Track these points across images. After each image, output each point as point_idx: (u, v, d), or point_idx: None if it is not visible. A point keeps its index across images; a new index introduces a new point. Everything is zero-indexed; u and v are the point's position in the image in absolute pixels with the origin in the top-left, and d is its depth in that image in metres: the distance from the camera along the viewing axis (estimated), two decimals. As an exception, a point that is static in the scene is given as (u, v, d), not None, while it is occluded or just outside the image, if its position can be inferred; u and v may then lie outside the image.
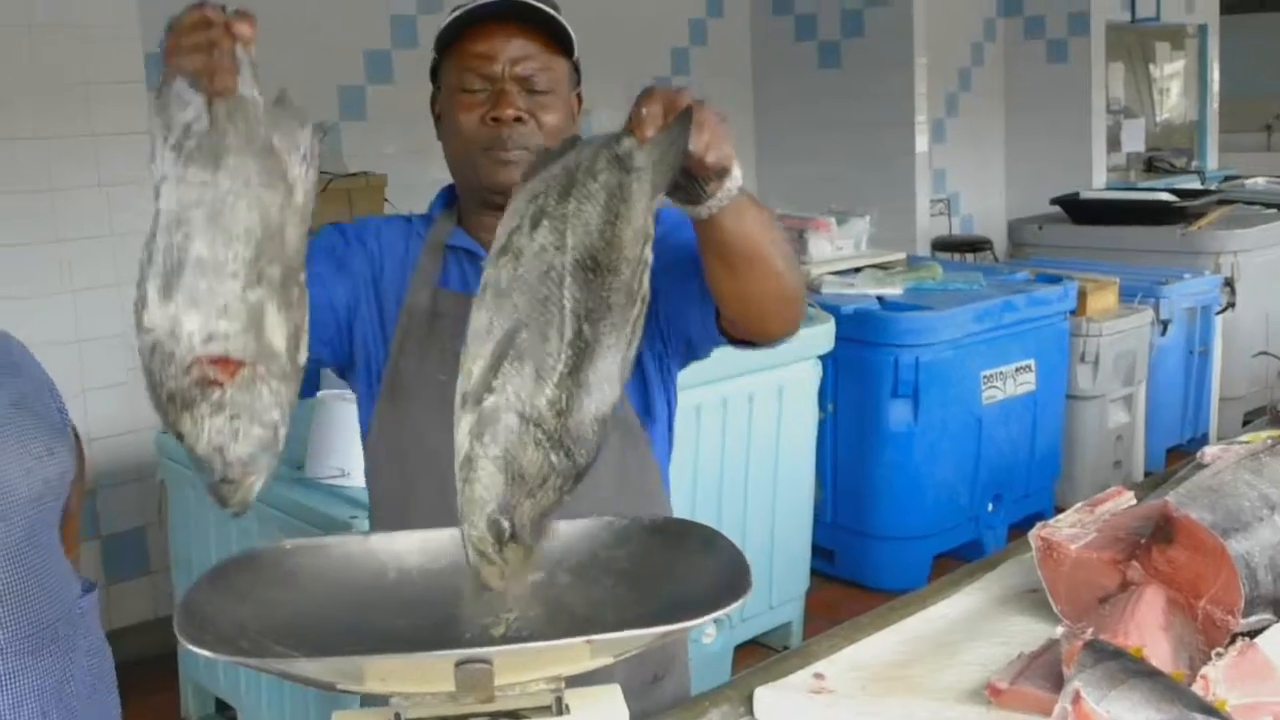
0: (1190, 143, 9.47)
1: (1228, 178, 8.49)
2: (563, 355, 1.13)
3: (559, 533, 1.36)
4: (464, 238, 1.74)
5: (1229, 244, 6.01)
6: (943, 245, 6.97)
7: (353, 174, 4.97)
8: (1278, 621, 1.60)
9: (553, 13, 1.67)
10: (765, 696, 1.58)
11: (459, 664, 1.16)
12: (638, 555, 1.40)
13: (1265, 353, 5.98)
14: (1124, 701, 1.34)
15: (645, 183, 1.18)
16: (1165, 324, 5.43)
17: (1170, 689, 1.36)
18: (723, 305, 1.55)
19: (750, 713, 1.57)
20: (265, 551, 1.44)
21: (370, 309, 1.74)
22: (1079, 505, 1.86)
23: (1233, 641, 1.55)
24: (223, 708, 3.63)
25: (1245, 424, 5.28)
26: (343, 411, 2.89)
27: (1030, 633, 1.71)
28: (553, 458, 1.12)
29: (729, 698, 1.60)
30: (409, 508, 1.69)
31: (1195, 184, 8.21)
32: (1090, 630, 1.55)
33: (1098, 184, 7.66)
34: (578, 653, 1.22)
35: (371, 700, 1.31)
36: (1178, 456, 5.19)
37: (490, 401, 1.13)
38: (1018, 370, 4.75)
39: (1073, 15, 7.71)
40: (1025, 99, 7.91)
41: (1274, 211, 6.56)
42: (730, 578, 1.29)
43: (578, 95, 1.75)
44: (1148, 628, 1.57)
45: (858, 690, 1.60)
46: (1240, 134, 10.51)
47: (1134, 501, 1.85)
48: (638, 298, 1.16)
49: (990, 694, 1.54)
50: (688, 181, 1.30)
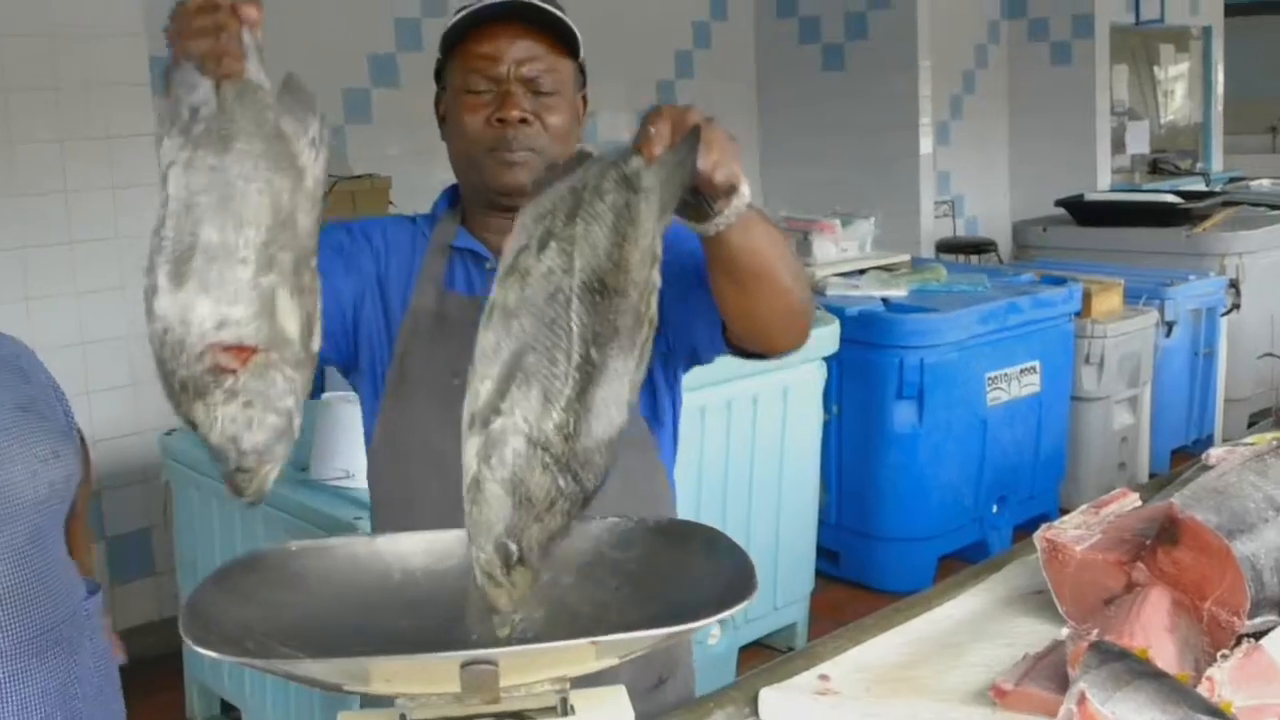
0: (1195, 144, 9.45)
1: (1232, 179, 8.49)
2: (570, 379, 1.11)
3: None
4: (468, 239, 1.73)
5: (1234, 246, 6.01)
6: (947, 247, 6.96)
7: (357, 176, 4.97)
8: (1283, 623, 1.60)
9: (559, 13, 1.66)
10: (770, 698, 1.58)
11: (464, 665, 1.17)
12: (643, 556, 1.40)
13: (1270, 354, 5.99)
14: (1129, 703, 1.34)
15: (653, 204, 1.17)
16: (1170, 325, 5.42)
17: (1175, 690, 1.35)
18: (730, 321, 1.53)
19: (755, 714, 1.57)
20: (270, 553, 1.44)
21: (375, 308, 1.72)
22: (1084, 507, 1.85)
23: (1238, 643, 1.55)
24: (228, 709, 3.64)
25: (1250, 425, 5.29)
26: (347, 413, 2.89)
27: (1035, 634, 1.71)
28: (560, 482, 1.12)
29: (734, 699, 1.60)
30: (412, 508, 1.68)
31: (1200, 186, 8.19)
32: (1095, 632, 1.55)
33: (1102, 186, 7.64)
34: (583, 654, 1.22)
35: (376, 701, 1.31)
36: (1183, 458, 5.17)
37: (498, 424, 1.12)
38: (1022, 372, 4.75)
39: (1077, 17, 7.70)
40: (1029, 101, 7.89)
41: (1279, 213, 6.55)
42: (736, 579, 1.29)
43: (583, 97, 1.74)
44: (1153, 629, 1.57)
45: (863, 691, 1.60)
46: (1245, 136, 10.49)
47: (1139, 503, 1.85)
48: (645, 321, 1.15)
49: (995, 695, 1.54)
50: (695, 199, 1.28)
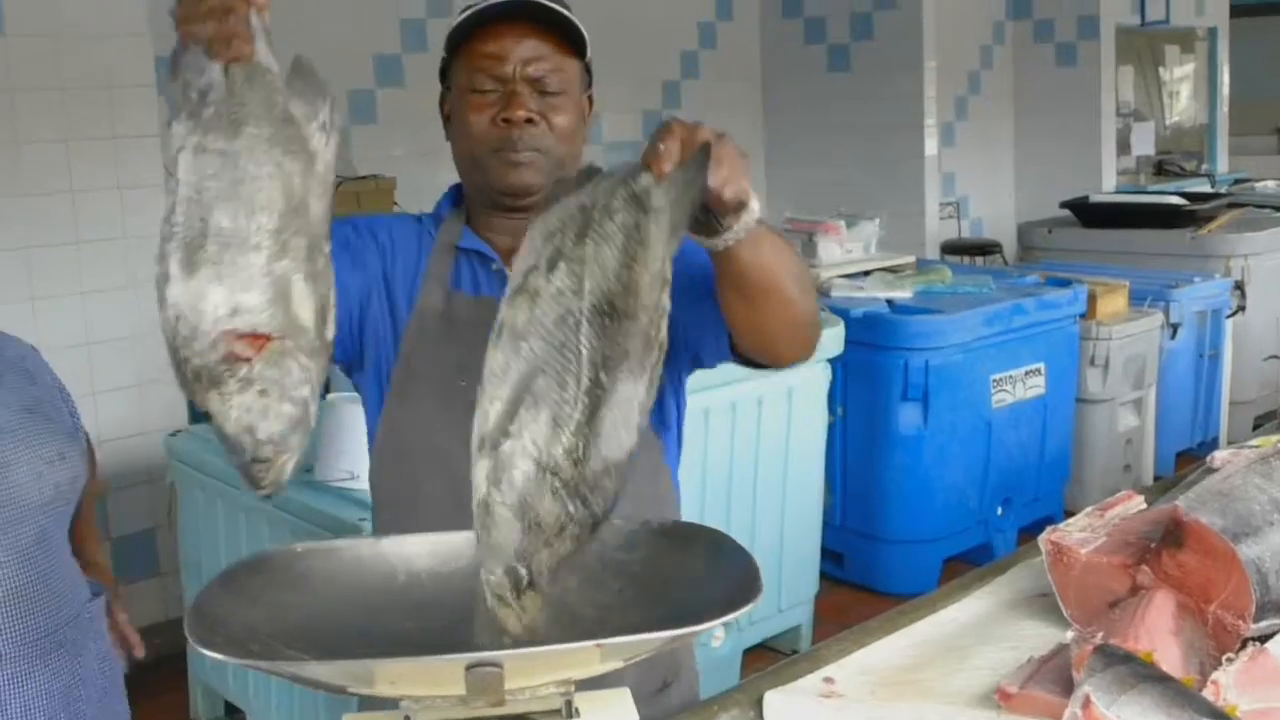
0: (1200, 146, 9.44)
1: (1238, 181, 8.47)
2: (579, 403, 1.10)
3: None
4: (474, 239, 1.72)
5: (1239, 247, 6.00)
6: (952, 248, 6.96)
7: (362, 177, 4.98)
8: (1289, 626, 1.59)
9: (565, 13, 1.64)
10: (775, 700, 1.58)
11: (469, 667, 1.17)
12: (648, 559, 1.40)
13: (1276, 356, 5.98)
14: (1134, 706, 1.33)
15: (663, 225, 1.16)
16: (1175, 327, 5.42)
17: (1180, 694, 1.35)
18: (737, 334, 1.53)
19: (760, 717, 1.57)
20: (276, 554, 1.44)
21: (381, 306, 1.71)
22: (1089, 509, 1.85)
23: (1243, 646, 1.55)
24: (232, 710, 3.64)
25: (1255, 428, 5.28)
26: (352, 414, 2.89)
27: (1040, 637, 1.71)
28: (570, 507, 1.11)
29: (738, 701, 1.60)
30: (415, 508, 1.67)
31: (1205, 187, 8.18)
32: (1100, 635, 1.55)
33: (1107, 187, 7.64)
34: (588, 656, 1.22)
35: (380, 704, 1.31)
36: (1188, 460, 5.16)
37: (507, 446, 1.11)
38: (1027, 374, 4.74)
39: (1082, 18, 7.69)
40: (1034, 102, 7.88)
41: (1284, 215, 6.56)
42: (741, 582, 1.29)
43: (589, 97, 1.73)
44: (1158, 632, 1.57)
45: (867, 694, 1.60)
46: (1250, 137, 10.46)
47: (1144, 506, 1.85)
48: (655, 345, 1.14)
49: (1000, 698, 1.54)
50: (705, 215, 1.28)
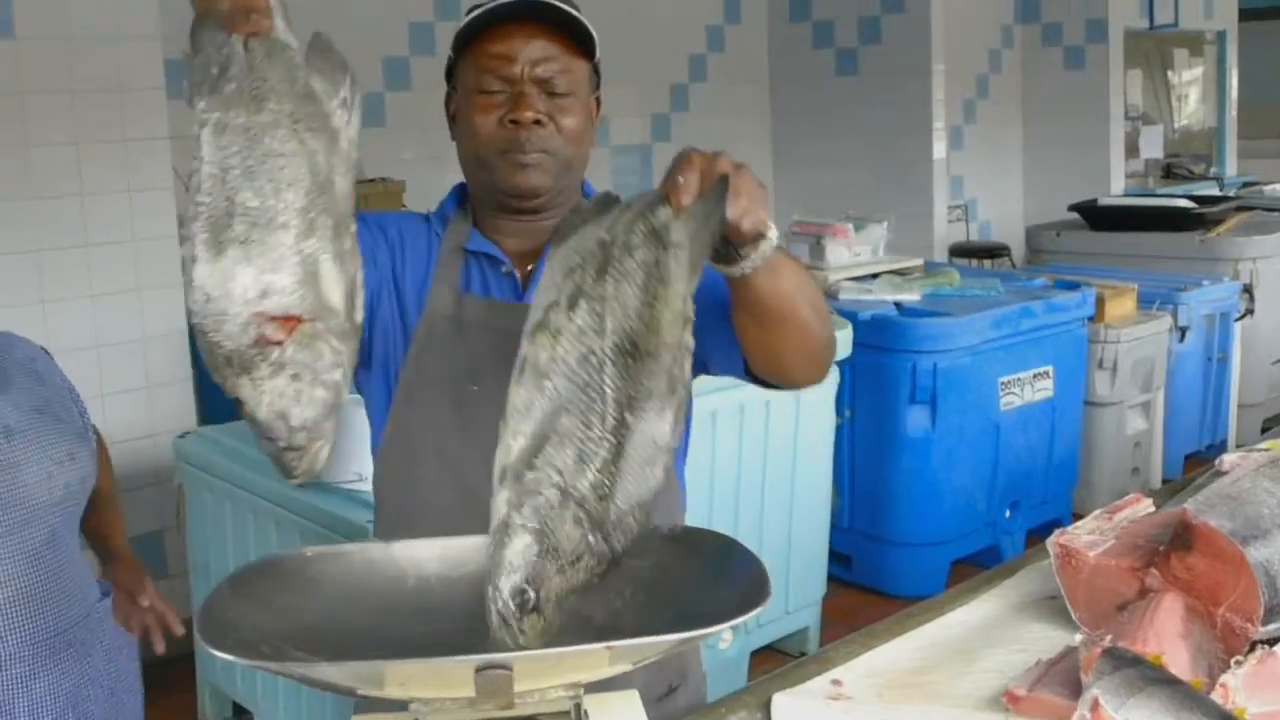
0: (1209, 149, 9.43)
1: (1246, 184, 8.46)
2: (605, 442, 1.11)
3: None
4: (482, 241, 1.71)
5: (1248, 250, 6.00)
6: (960, 251, 6.96)
7: (370, 180, 4.98)
8: (1297, 630, 1.59)
9: (575, 13, 1.63)
10: (783, 703, 1.58)
11: (479, 669, 1.16)
12: (656, 563, 1.40)
13: (1284, 359, 5.97)
14: (1142, 709, 1.33)
15: (683, 261, 1.15)
16: (1184, 330, 5.41)
17: (1189, 697, 1.35)
18: (751, 358, 1.54)
19: (768, 719, 1.57)
20: (286, 558, 1.44)
21: (391, 305, 1.69)
22: (1097, 512, 1.85)
23: (1252, 649, 1.55)
24: (240, 712, 3.64)
25: (1264, 431, 5.28)
26: (360, 417, 2.88)
27: (1048, 640, 1.71)
28: (590, 539, 1.12)
29: (746, 703, 1.60)
30: (421, 512, 1.66)
31: (1214, 190, 8.17)
32: (1109, 638, 1.55)
33: (1116, 190, 7.63)
34: (597, 659, 1.22)
35: (388, 707, 1.31)
36: (1196, 463, 5.16)
37: (531, 476, 1.12)
38: (1035, 376, 4.74)
39: (1090, 22, 7.69)
40: (1043, 106, 7.88)
41: (1292, 218, 6.55)
42: (749, 585, 1.29)
43: (597, 99, 1.72)
44: (1166, 635, 1.56)
45: (875, 697, 1.60)
46: (1259, 140, 10.44)
47: (1152, 508, 1.85)
48: (680, 384, 1.14)
49: (1008, 701, 1.54)
50: (723, 245, 1.28)
